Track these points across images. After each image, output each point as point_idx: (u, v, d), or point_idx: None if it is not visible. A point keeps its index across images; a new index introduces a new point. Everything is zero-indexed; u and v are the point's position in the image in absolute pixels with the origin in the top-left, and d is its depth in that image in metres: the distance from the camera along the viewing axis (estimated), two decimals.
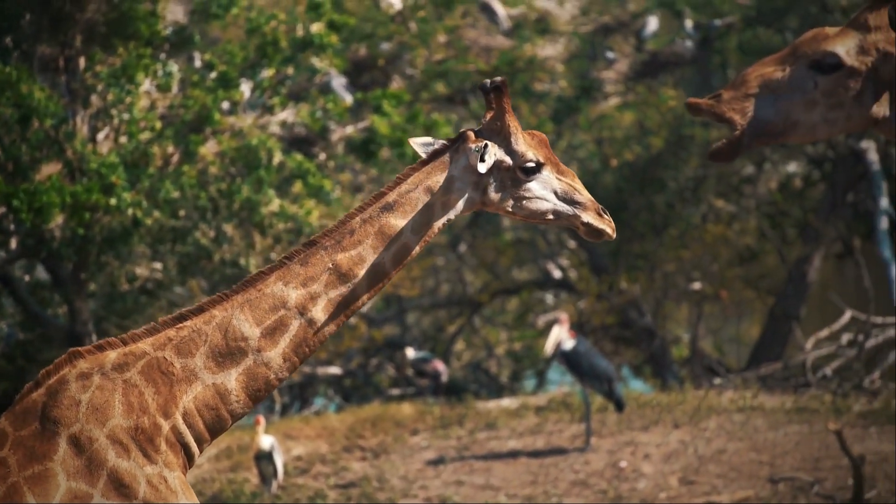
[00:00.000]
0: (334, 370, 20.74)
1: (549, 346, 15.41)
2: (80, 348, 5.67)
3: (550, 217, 5.83)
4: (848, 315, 18.73)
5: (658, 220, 21.15)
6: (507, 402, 17.78)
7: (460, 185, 5.84)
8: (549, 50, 20.24)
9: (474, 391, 20.33)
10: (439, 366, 20.04)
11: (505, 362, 22.22)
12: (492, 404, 17.72)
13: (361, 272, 5.79)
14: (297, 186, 13.45)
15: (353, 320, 19.43)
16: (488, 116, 5.87)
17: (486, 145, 5.77)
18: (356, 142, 14.05)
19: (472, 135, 5.87)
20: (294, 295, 5.74)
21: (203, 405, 5.66)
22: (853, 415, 15.96)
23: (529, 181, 5.82)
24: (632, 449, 15.24)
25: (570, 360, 15.28)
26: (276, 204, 12.89)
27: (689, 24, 20.49)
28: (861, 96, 4.90)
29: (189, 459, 5.65)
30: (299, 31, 13.38)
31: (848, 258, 21.70)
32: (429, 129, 14.07)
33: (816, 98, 4.84)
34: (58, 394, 5.58)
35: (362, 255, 5.80)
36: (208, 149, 12.98)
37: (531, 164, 5.82)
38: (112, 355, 5.64)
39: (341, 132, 14.45)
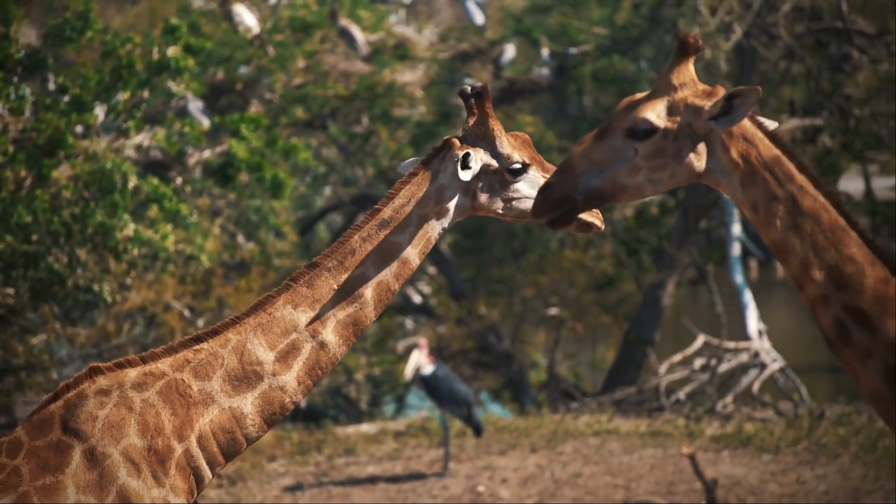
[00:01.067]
0: None
1: (408, 370, 15.42)
2: (100, 364, 5.69)
3: None
4: (701, 340, 19.02)
5: (516, 245, 21.32)
6: (367, 428, 17.74)
7: (451, 192, 5.91)
8: (409, 76, 20.29)
9: (333, 416, 20.25)
10: None
11: (364, 387, 22.19)
12: (351, 430, 17.67)
13: (367, 291, 5.87)
14: (153, 211, 13.29)
15: None
16: (471, 122, 5.95)
17: (467, 153, 5.84)
18: (213, 166, 13.94)
19: (457, 142, 5.93)
20: (304, 318, 5.80)
21: (219, 428, 5.68)
22: (706, 438, 16.21)
23: (517, 182, 5.89)
24: (489, 473, 15.30)
25: (429, 385, 15.30)
26: (131, 228, 12.72)
27: (545, 52, 20.70)
28: (680, 154, 5.13)
29: (199, 483, 5.65)
30: (155, 55, 13.23)
31: (701, 284, 22.05)
32: (287, 154, 14.01)
33: (638, 163, 5.11)
34: (75, 408, 5.61)
35: (366, 274, 5.87)
36: (61, 172, 12.77)
37: (517, 166, 5.89)
38: (132, 374, 5.67)
39: (198, 156, 14.32)
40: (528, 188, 5.90)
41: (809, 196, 5.10)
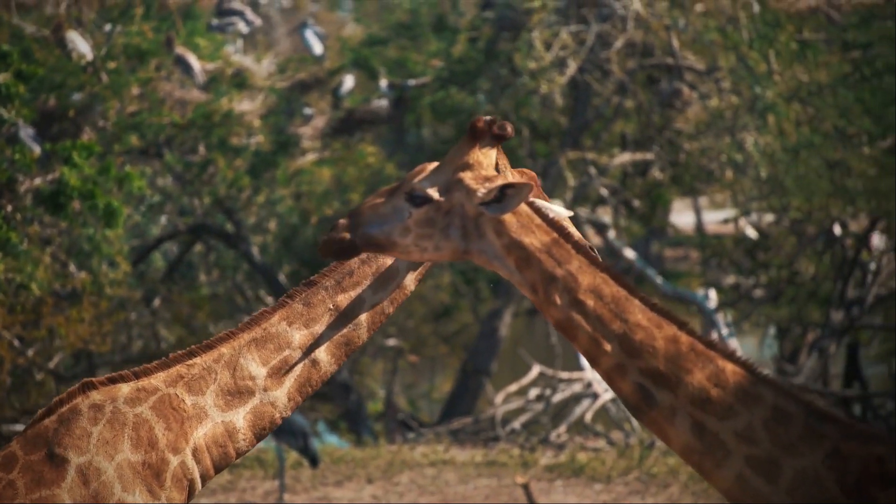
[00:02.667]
0: (19, 427, 20.08)
1: None
2: (93, 379, 5.72)
3: None
4: (536, 370, 19.22)
5: None
6: None
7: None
8: (246, 105, 20.19)
9: None
10: None
11: None
12: None
13: (362, 312, 5.91)
14: None
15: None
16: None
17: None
18: (45, 193, 13.71)
19: None
20: (298, 336, 5.85)
21: (212, 442, 5.74)
22: (540, 468, 16.37)
23: None
24: None
25: None
26: None
27: (383, 83, 20.80)
28: (447, 229, 5.32)
29: (190, 495, 5.71)
30: None
31: (537, 314, 22.28)
32: (121, 182, 13.84)
33: (410, 226, 5.33)
34: (69, 423, 5.68)
35: (362, 296, 5.93)
36: None
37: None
38: (125, 389, 5.72)
39: (29, 183, 14.08)
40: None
41: (588, 273, 5.23)
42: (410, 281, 6.00)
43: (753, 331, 24.46)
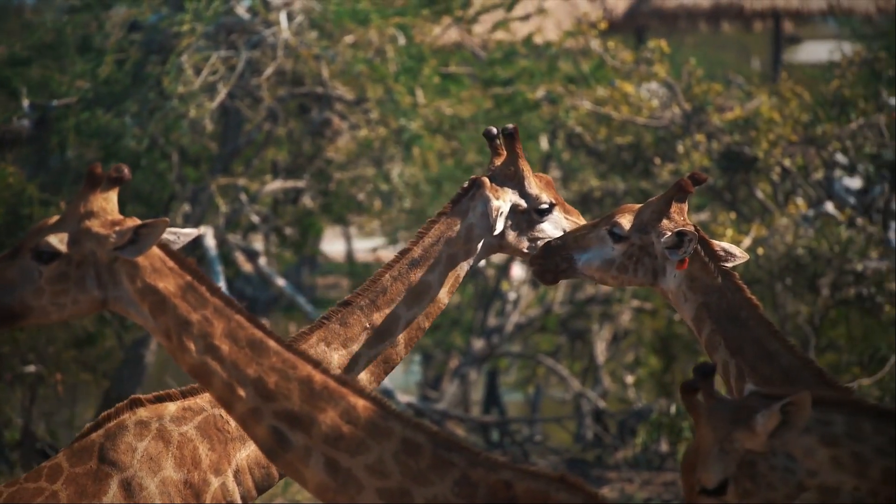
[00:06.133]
0: None
1: None
2: (141, 396, 5.77)
3: None
4: None
5: None
6: None
7: (479, 231, 6.04)
8: None
9: None
10: None
11: None
12: None
13: (397, 330, 5.95)
14: None
15: None
16: (497, 162, 6.12)
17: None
18: None
19: (487, 181, 6.07)
20: (336, 356, 5.91)
21: (255, 464, 5.76)
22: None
23: (543, 222, 6.14)
24: None
25: None
26: None
27: (26, 103, 20.21)
28: (83, 281, 5.27)
29: None
30: None
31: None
32: None
33: (42, 286, 5.26)
34: (115, 437, 5.78)
35: (396, 313, 5.97)
36: None
37: (545, 206, 6.14)
38: (171, 407, 5.79)
39: None
40: (552, 228, 6.15)
41: (224, 317, 5.21)
42: (444, 294, 6.03)
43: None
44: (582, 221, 6.32)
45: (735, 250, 6.26)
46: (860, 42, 28.82)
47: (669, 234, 6.01)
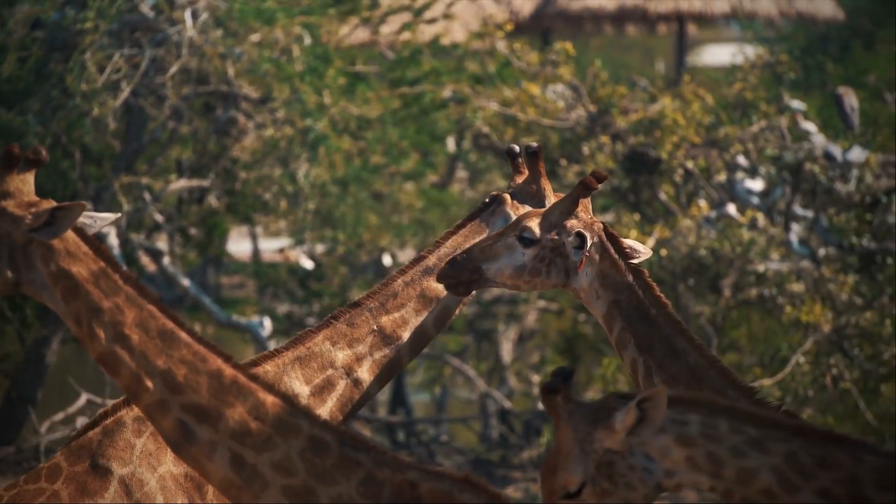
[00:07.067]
0: None
1: None
2: None
3: None
4: (84, 398, 18.82)
5: None
6: None
7: None
8: None
9: None
10: None
11: None
12: None
13: (405, 334, 5.94)
14: None
15: None
16: (518, 180, 6.17)
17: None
18: None
19: (508, 197, 6.14)
20: (341, 356, 5.87)
21: None
22: None
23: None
24: None
25: None
26: None
27: None
28: None
29: None
30: None
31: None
32: None
33: None
34: (114, 434, 5.77)
35: (405, 318, 5.94)
36: None
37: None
38: None
39: None
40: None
41: (136, 306, 5.17)
42: (454, 304, 6.04)
43: None
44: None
45: (640, 247, 6.37)
46: (762, 45, 29.30)
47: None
